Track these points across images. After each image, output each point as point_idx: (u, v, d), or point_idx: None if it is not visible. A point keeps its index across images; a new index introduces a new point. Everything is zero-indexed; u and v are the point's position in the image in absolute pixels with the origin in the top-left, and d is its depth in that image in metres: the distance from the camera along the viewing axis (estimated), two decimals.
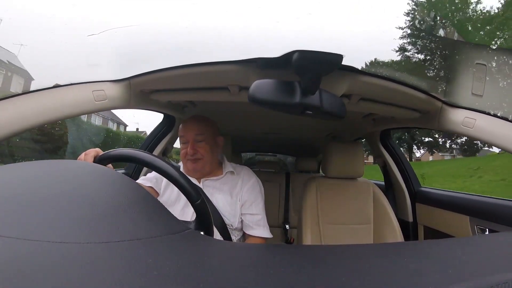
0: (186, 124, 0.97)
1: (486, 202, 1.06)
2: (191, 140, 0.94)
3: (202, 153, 0.94)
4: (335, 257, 0.36)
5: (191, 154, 0.92)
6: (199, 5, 0.87)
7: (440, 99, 0.87)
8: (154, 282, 0.22)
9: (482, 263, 0.31)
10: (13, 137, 0.65)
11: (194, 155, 0.93)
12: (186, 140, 0.95)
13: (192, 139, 0.94)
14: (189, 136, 0.94)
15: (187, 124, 0.97)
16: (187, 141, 0.94)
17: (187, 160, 0.94)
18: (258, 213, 0.95)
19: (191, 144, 0.93)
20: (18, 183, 0.31)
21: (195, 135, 0.94)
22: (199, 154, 0.93)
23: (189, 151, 0.92)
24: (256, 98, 0.50)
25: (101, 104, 0.76)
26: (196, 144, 0.94)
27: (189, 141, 0.94)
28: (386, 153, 1.53)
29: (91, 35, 0.69)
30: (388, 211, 1.18)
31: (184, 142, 0.96)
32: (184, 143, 0.96)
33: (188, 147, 0.93)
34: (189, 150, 0.92)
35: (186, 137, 0.95)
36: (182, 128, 0.98)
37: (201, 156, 0.94)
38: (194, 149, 0.93)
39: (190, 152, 0.92)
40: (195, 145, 0.93)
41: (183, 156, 0.95)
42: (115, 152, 0.52)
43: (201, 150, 0.94)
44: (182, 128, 0.97)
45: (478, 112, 0.84)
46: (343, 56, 0.48)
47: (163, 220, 0.35)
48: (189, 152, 0.92)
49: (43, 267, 0.21)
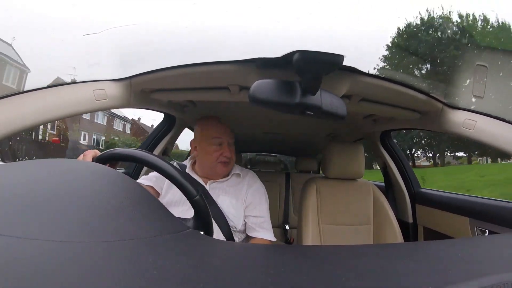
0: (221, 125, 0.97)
1: (486, 203, 1.06)
2: (226, 143, 0.95)
3: (233, 156, 0.96)
4: (335, 257, 0.36)
5: (229, 156, 0.94)
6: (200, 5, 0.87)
7: (440, 100, 0.87)
8: (154, 281, 0.21)
9: (482, 264, 0.31)
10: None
11: (230, 158, 0.94)
12: (221, 142, 0.94)
13: (227, 142, 0.95)
14: (226, 138, 0.95)
15: (222, 126, 0.97)
16: (222, 143, 0.94)
17: (218, 162, 0.94)
18: (262, 216, 0.95)
19: (227, 147, 0.94)
20: (18, 182, 0.31)
21: (230, 138, 0.96)
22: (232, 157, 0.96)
23: (227, 154, 0.93)
24: (257, 98, 0.50)
25: (101, 103, 0.76)
26: (231, 147, 0.96)
27: (224, 144, 0.94)
28: (386, 154, 1.53)
29: (92, 34, 0.69)
30: (388, 212, 1.18)
31: (219, 144, 0.95)
32: (219, 145, 0.94)
33: (222, 149, 0.93)
34: (226, 153, 0.93)
35: (221, 139, 0.95)
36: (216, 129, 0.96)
37: (232, 160, 0.96)
38: (230, 152, 0.94)
39: (228, 154, 0.93)
40: (230, 148, 0.95)
41: (215, 158, 0.93)
42: (112, 152, 0.52)
43: (232, 154, 0.96)
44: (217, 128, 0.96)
45: (479, 114, 0.84)
46: (344, 56, 0.48)
47: (163, 219, 0.35)
48: (226, 154, 0.93)
49: (43, 266, 0.21)
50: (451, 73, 1.56)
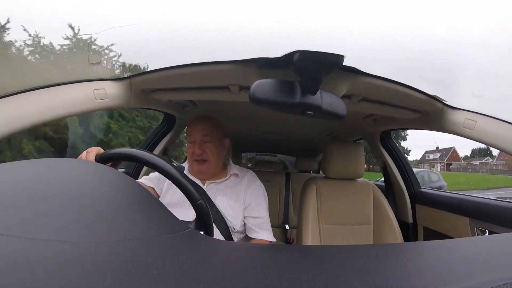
0: (194, 123, 0.96)
1: (486, 203, 1.06)
2: (198, 140, 0.93)
3: (209, 154, 0.93)
4: (335, 257, 0.35)
5: (198, 154, 0.92)
6: (200, 5, 0.87)
7: (440, 100, 0.87)
8: (154, 281, 0.21)
9: (482, 264, 0.31)
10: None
11: (201, 155, 0.92)
12: (194, 140, 0.94)
13: (199, 139, 0.93)
14: (196, 136, 0.94)
15: (195, 124, 0.96)
16: (194, 140, 0.94)
17: (193, 160, 0.93)
18: (261, 217, 0.94)
19: (198, 145, 0.93)
20: (18, 181, 0.31)
21: (202, 136, 0.93)
22: (205, 155, 0.93)
23: (196, 151, 0.92)
24: (257, 97, 0.50)
25: (101, 102, 0.76)
26: (203, 145, 0.93)
27: (196, 141, 0.93)
28: (386, 154, 1.53)
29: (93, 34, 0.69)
30: (388, 212, 1.18)
31: (191, 142, 0.95)
32: (191, 143, 0.95)
33: (195, 147, 0.93)
34: (196, 150, 0.92)
35: (193, 137, 0.94)
36: (190, 127, 0.97)
37: (207, 158, 0.93)
38: (201, 149, 0.92)
39: (197, 152, 0.92)
40: (202, 146, 0.93)
41: (189, 155, 0.94)
42: (116, 151, 0.52)
43: (207, 151, 0.93)
44: (190, 127, 0.97)
45: (479, 114, 0.84)
46: (344, 56, 0.48)
47: (163, 219, 0.35)
48: (196, 152, 0.92)
49: (42, 265, 0.21)
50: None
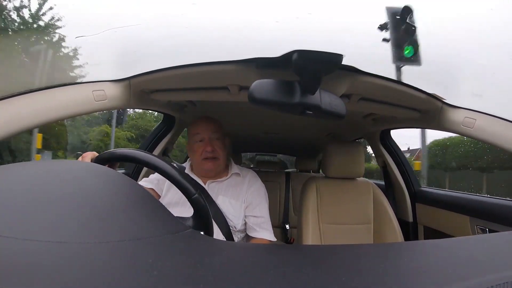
0: (201, 122, 0.95)
1: (486, 202, 1.06)
2: (207, 138, 0.92)
3: (219, 151, 0.92)
4: (335, 257, 0.35)
5: (210, 151, 0.90)
6: (199, 5, 0.87)
7: (440, 99, 0.87)
8: (154, 281, 0.21)
9: (482, 262, 0.31)
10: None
11: (212, 152, 0.90)
12: (202, 138, 0.92)
13: (208, 137, 0.92)
14: (206, 133, 0.92)
15: (201, 123, 0.95)
16: (202, 139, 0.92)
17: (203, 159, 0.91)
18: (262, 216, 0.94)
19: (209, 142, 0.91)
20: (19, 183, 0.31)
21: (211, 133, 0.92)
22: (216, 152, 0.91)
23: (208, 148, 0.90)
24: (256, 98, 0.50)
25: (101, 104, 0.76)
26: (212, 142, 0.92)
27: (205, 139, 0.92)
28: (386, 153, 1.53)
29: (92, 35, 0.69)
30: (388, 211, 1.18)
31: (200, 140, 0.93)
32: (200, 141, 0.93)
33: (204, 145, 0.91)
34: (207, 147, 0.90)
35: (202, 135, 0.92)
36: (196, 126, 0.95)
37: (218, 155, 0.92)
38: (212, 146, 0.90)
39: (208, 149, 0.90)
40: (212, 143, 0.91)
41: (199, 155, 0.92)
42: (111, 152, 0.52)
43: (217, 148, 0.92)
44: (196, 125, 0.95)
45: (478, 112, 0.84)
46: (343, 56, 0.48)
47: (163, 219, 0.35)
48: (207, 149, 0.90)
49: (43, 267, 0.21)
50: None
